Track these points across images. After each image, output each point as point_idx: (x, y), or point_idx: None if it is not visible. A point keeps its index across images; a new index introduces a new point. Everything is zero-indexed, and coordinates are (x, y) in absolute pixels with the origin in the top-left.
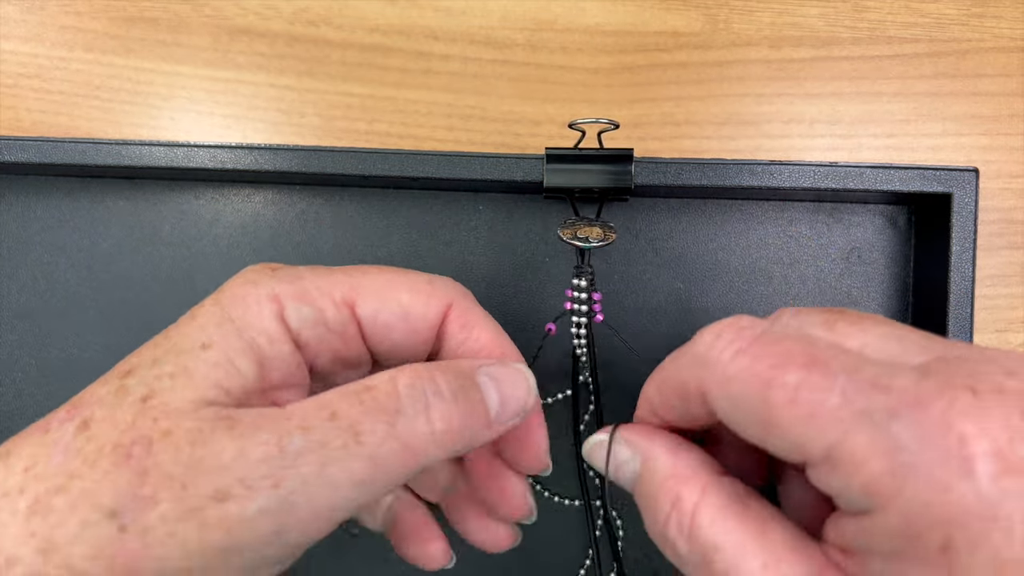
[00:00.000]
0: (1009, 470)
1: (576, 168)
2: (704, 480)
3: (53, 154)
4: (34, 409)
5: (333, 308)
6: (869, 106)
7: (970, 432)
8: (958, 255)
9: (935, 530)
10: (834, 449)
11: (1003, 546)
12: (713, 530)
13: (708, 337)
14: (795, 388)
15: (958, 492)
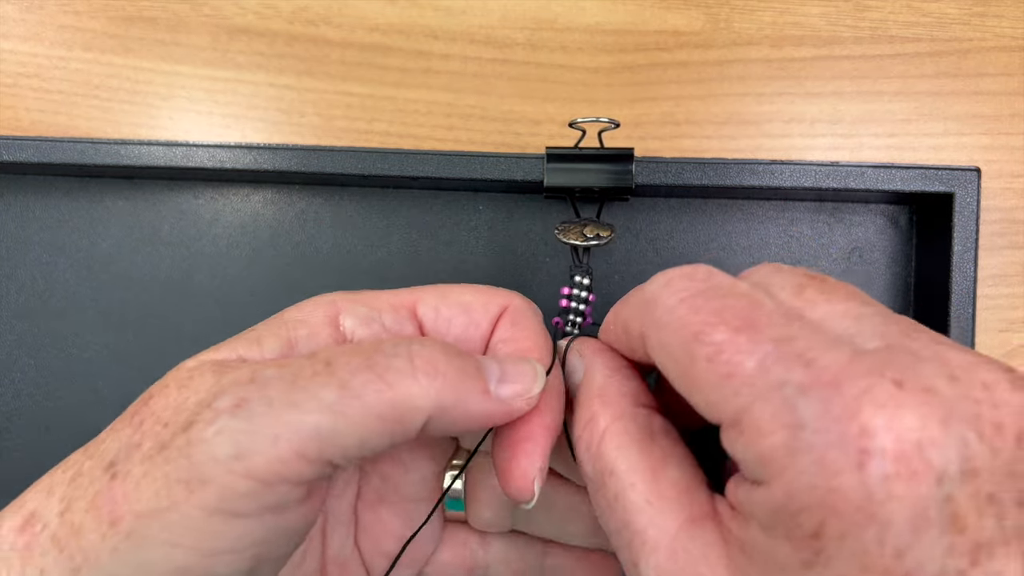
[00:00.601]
0: (904, 475)
1: (576, 167)
2: (622, 407)
3: (52, 154)
4: (33, 409)
5: (391, 311)
6: (870, 105)
7: (876, 425)
8: (960, 255)
9: (812, 513)
10: (741, 414)
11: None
12: (614, 455)
13: (660, 280)
14: (718, 347)
15: (843, 481)
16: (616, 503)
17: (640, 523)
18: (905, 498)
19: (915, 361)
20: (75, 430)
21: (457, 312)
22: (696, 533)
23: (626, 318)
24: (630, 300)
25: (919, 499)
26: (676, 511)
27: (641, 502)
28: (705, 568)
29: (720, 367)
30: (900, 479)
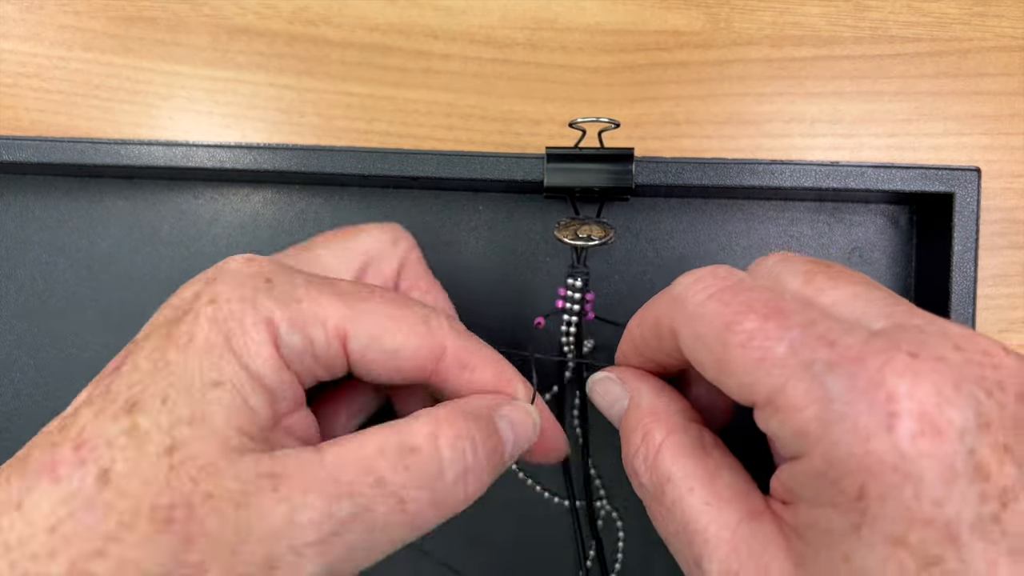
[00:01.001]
0: (928, 432)
1: (576, 167)
2: (675, 422)
3: (52, 154)
4: (32, 409)
5: (324, 339)
6: (870, 105)
7: (899, 391)
8: (960, 255)
9: (852, 477)
10: (775, 394)
11: (911, 501)
12: (671, 464)
13: (686, 280)
14: (750, 334)
15: (877, 444)
16: (675, 508)
17: (700, 523)
18: (934, 454)
19: (923, 335)
20: None
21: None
22: (755, 527)
23: (656, 316)
24: (659, 302)
25: (946, 454)
26: (733, 510)
27: (700, 504)
28: (767, 557)
29: (753, 352)
30: (926, 437)
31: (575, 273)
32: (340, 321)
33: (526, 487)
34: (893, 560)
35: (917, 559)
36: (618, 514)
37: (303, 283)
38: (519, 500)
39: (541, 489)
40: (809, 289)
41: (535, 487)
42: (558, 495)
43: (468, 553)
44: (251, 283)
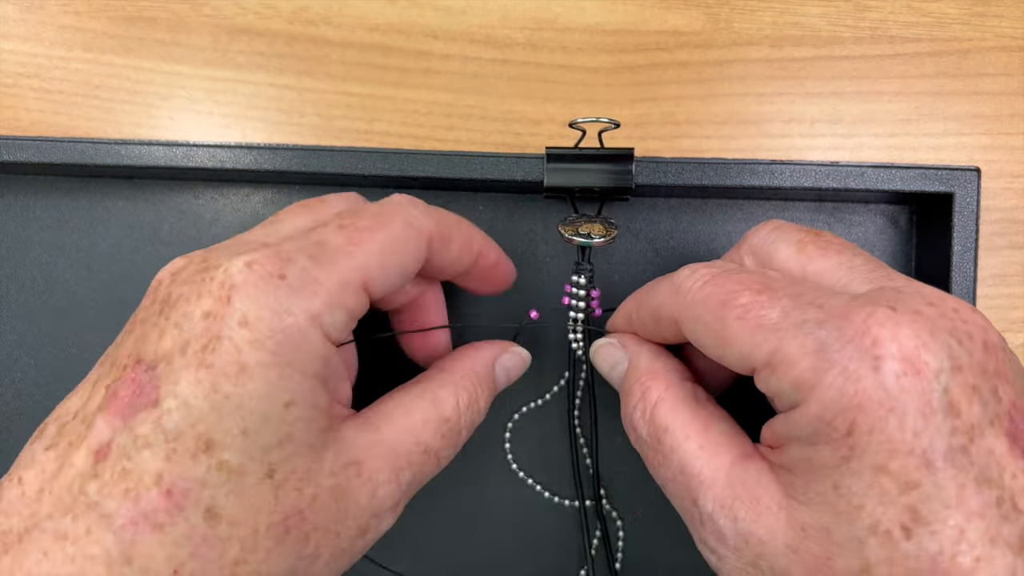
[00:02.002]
0: (909, 372)
1: (576, 167)
2: (670, 380)
3: (52, 154)
4: (33, 409)
5: (356, 299)
6: (870, 105)
7: (883, 337)
8: (959, 255)
9: (844, 415)
10: (773, 354)
11: (895, 432)
12: (667, 416)
13: (684, 272)
14: (745, 307)
15: (866, 383)
16: (672, 454)
17: (696, 466)
18: (914, 391)
19: (900, 295)
20: None
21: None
22: (747, 465)
23: (657, 306)
24: (659, 291)
25: (924, 391)
26: (726, 453)
27: (695, 449)
28: (759, 489)
29: (749, 322)
30: (907, 376)
31: (580, 270)
32: (356, 273)
33: (526, 487)
34: (877, 485)
35: (898, 484)
36: (618, 514)
37: (308, 261)
38: (519, 500)
39: (541, 489)
40: (801, 257)
41: (535, 487)
42: (558, 495)
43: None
44: (269, 288)
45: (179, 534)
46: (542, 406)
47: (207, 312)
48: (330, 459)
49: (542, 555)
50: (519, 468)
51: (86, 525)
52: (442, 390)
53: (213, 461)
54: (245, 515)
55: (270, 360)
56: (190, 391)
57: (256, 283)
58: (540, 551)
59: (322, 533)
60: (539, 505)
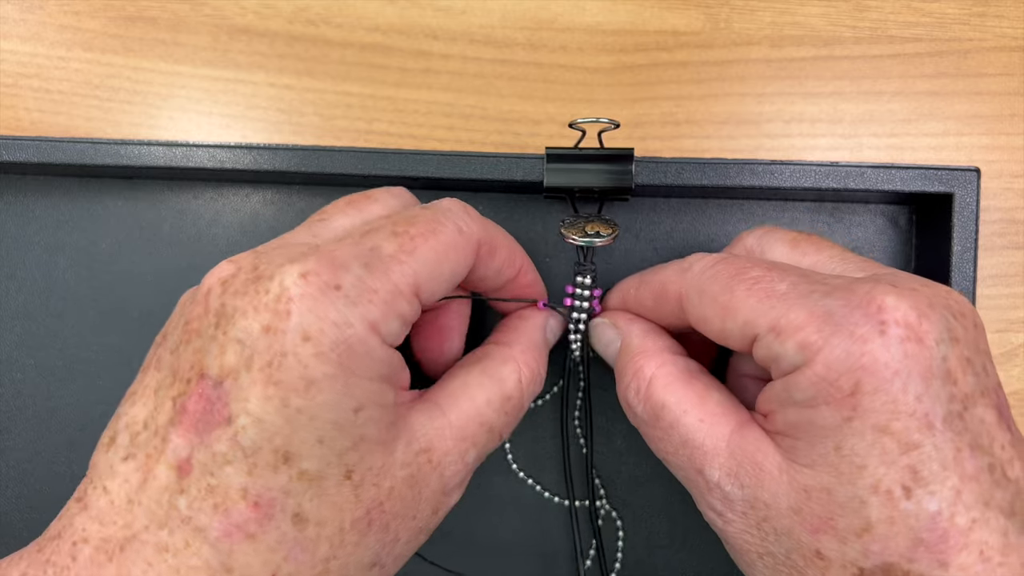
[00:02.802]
0: (912, 338)
1: (576, 168)
2: (663, 357)
3: (52, 154)
4: (33, 409)
5: (408, 306)
6: (870, 105)
7: (888, 304)
8: (959, 255)
9: (849, 375)
10: (779, 320)
11: (899, 394)
12: (663, 392)
13: (696, 255)
14: (755, 279)
15: (872, 345)
16: (672, 430)
17: (697, 438)
18: (917, 356)
19: (896, 277)
20: (75, 430)
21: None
22: (745, 433)
23: (662, 282)
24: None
25: (925, 356)
26: (724, 423)
27: (695, 422)
28: (760, 455)
29: (758, 292)
30: (911, 341)
31: (583, 270)
32: (409, 280)
33: (526, 487)
34: (879, 445)
35: (900, 444)
36: (618, 514)
37: (362, 270)
38: (519, 500)
39: (541, 489)
40: (795, 252)
41: (535, 487)
42: (558, 495)
43: (468, 553)
44: (327, 301)
45: (272, 540)
46: (542, 406)
47: (267, 327)
48: (401, 449)
49: (542, 555)
50: (519, 468)
51: (184, 538)
52: (504, 367)
53: (294, 471)
54: (330, 515)
55: (335, 372)
56: (261, 408)
57: (314, 296)
58: (540, 551)
59: (401, 519)
60: (539, 505)
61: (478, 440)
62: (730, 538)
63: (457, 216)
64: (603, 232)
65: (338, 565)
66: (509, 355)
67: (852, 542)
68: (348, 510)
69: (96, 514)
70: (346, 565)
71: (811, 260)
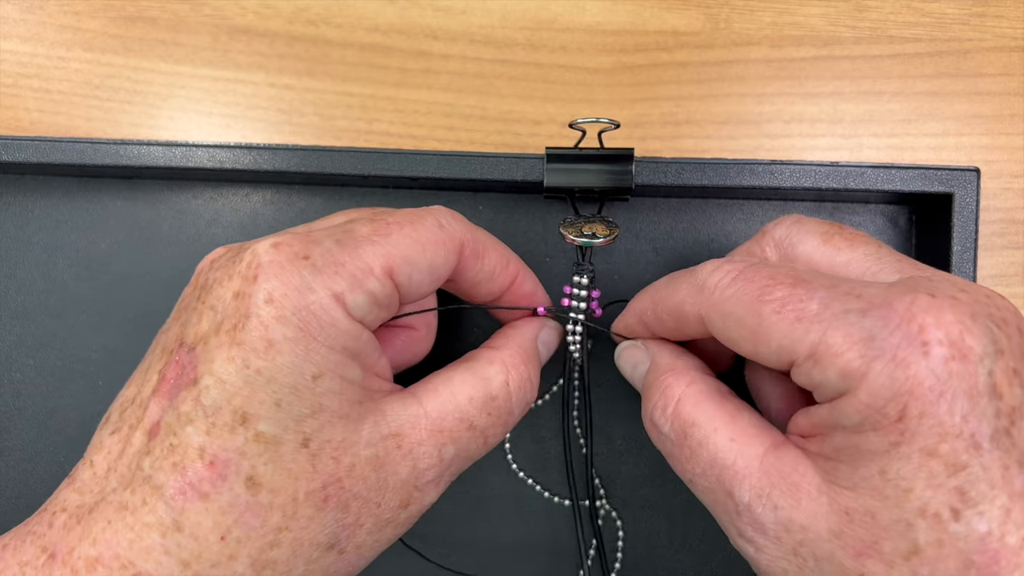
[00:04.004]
0: (957, 356)
1: (576, 168)
2: (692, 376)
3: (51, 154)
4: (32, 409)
5: (380, 285)
6: (870, 106)
7: (929, 322)
8: (959, 255)
9: (896, 401)
10: (816, 346)
11: (945, 415)
12: (693, 410)
13: (708, 267)
14: (782, 300)
15: (917, 368)
16: (701, 448)
17: (728, 459)
18: (962, 374)
19: (933, 283)
20: (75, 430)
21: (426, 276)
22: (780, 454)
23: (678, 303)
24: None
25: (970, 374)
26: (758, 443)
27: (726, 442)
28: (796, 476)
29: (788, 315)
30: (955, 360)
31: (581, 270)
32: (383, 261)
33: (526, 487)
34: (925, 468)
35: (947, 466)
36: (618, 514)
37: (334, 244)
38: (519, 500)
39: (541, 489)
40: (828, 248)
41: (535, 487)
42: (558, 495)
43: (468, 553)
44: (293, 268)
45: (224, 502)
46: (542, 406)
47: (237, 292)
48: (368, 430)
49: (542, 555)
50: (519, 468)
51: (142, 496)
52: (490, 367)
53: (250, 433)
54: (284, 483)
55: (296, 335)
56: (224, 368)
57: (281, 263)
58: (540, 551)
59: (362, 502)
60: (539, 505)
61: (457, 436)
62: (763, 566)
63: (439, 214)
64: (601, 232)
65: (290, 538)
66: (497, 357)
67: (900, 566)
68: (303, 479)
69: (79, 485)
70: (299, 540)
71: (845, 257)
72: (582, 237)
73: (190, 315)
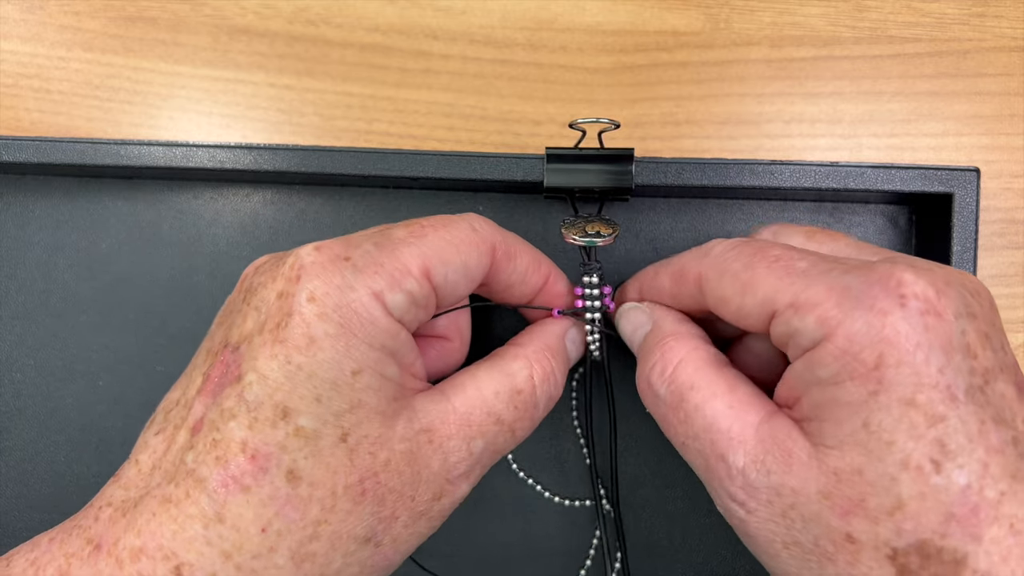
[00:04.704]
0: (932, 312)
1: (576, 168)
2: (694, 342)
3: (52, 154)
4: (33, 409)
5: (417, 285)
6: (870, 106)
7: (908, 279)
8: (959, 255)
9: (873, 348)
10: (798, 295)
11: (922, 366)
12: (693, 374)
13: (715, 241)
14: (776, 257)
15: (893, 318)
16: (697, 412)
17: (724, 424)
18: (937, 328)
19: (913, 260)
20: (75, 430)
21: (461, 277)
22: (774, 423)
23: (681, 266)
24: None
25: (945, 330)
26: (754, 412)
27: (723, 407)
28: (789, 443)
29: (779, 268)
30: (931, 314)
31: (589, 270)
32: (420, 261)
33: (526, 487)
34: (906, 419)
35: (926, 417)
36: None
37: (373, 246)
38: (519, 500)
39: (541, 489)
40: (811, 243)
41: (535, 487)
42: (558, 495)
43: (468, 553)
44: (335, 268)
45: (265, 495)
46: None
47: (280, 292)
48: (402, 426)
49: (542, 555)
50: (519, 468)
51: (185, 489)
52: (515, 362)
53: (291, 427)
54: (323, 477)
55: (336, 331)
56: (267, 365)
57: (323, 263)
58: (540, 551)
59: (397, 496)
60: (539, 505)
61: (485, 429)
62: (752, 529)
63: (471, 218)
64: (604, 232)
65: (329, 531)
66: (521, 353)
67: (884, 522)
68: (342, 473)
69: (124, 482)
70: (338, 533)
71: (827, 249)
72: (586, 237)
73: (235, 318)
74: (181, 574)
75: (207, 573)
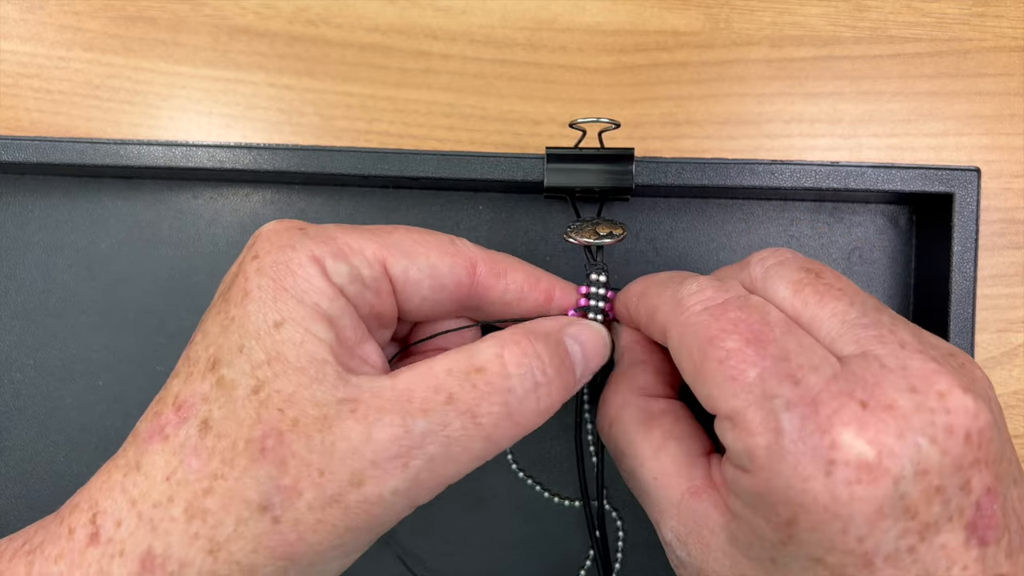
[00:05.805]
0: (864, 480)
1: (577, 168)
2: (627, 398)
3: (51, 154)
4: (33, 409)
5: (367, 265)
6: (870, 106)
7: (843, 440)
8: (959, 255)
9: (786, 507)
10: (736, 413)
11: (837, 536)
12: (620, 440)
13: (694, 286)
14: (729, 352)
15: (814, 485)
16: (632, 478)
17: (653, 494)
18: (865, 499)
19: (881, 375)
20: (75, 430)
21: (424, 276)
22: (695, 503)
23: (654, 307)
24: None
25: (877, 499)
26: (677, 484)
27: (649, 479)
28: (707, 531)
29: (727, 370)
30: (862, 484)
31: (598, 269)
32: (376, 250)
33: (526, 487)
34: (812, 572)
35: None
36: (618, 514)
37: (335, 228)
38: (519, 500)
39: (541, 489)
40: (796, 300)
41: (535, 487)
42: (558, 495)
43: (468, 553)
44: (287, 233)
45: (177, 444)
46: None
47: (239, 260)
48: (322, 390)
49: (542, 555)
50: (519, 468)
51: (126, 447)
52: (482, 343)
53: (215, 378)
54: (231, 428)
55: (268, 284)
56: (211, 322)
57: (278, 230)
58: (540, 551)
59: (301, 464)
60: (539, 505)
61: (429, 407)
62: None
63: (454, 236)
64: (615, 232)
65: (224, 487)
66: (495, 335)
67: None
68: (247, 427)
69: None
70: (232, 491)
71: (810, 314)
72: (599, 238)
73: None
74: (95, 521)
75: (114, 520)
